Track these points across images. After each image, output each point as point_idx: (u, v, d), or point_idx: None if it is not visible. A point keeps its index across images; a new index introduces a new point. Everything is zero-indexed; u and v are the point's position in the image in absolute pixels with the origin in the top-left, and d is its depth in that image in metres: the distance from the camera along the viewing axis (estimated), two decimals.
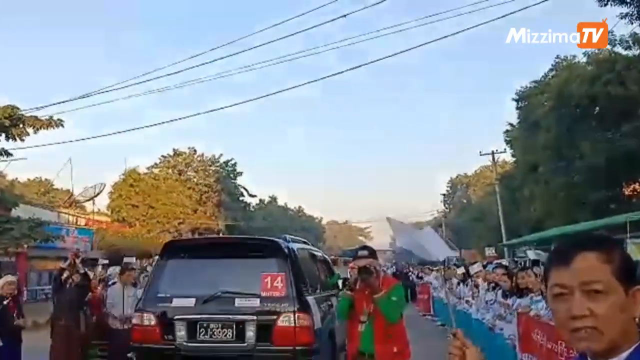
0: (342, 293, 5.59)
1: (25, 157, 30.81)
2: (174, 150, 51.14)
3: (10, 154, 20.83)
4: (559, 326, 1.32)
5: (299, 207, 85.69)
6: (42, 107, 19.89)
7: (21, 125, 19.61)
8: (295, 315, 6.18)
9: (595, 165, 21.55)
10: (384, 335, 4.92)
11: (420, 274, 26.82)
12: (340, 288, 7.39)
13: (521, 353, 6.93)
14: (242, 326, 6.23)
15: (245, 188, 54.45)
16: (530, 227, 28.30)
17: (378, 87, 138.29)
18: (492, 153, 34.55)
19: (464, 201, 65.01)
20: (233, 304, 6.32)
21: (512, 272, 8.29)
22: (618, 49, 22.07)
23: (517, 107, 32.38)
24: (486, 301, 9.20)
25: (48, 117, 19.70)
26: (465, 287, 12.18)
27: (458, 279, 13.08)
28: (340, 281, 7.87)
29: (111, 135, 30.65)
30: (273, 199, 74.76)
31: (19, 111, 19.52)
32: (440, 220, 63.46)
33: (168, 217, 44.52)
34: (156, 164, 50.68)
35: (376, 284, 4.94)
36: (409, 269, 31.73)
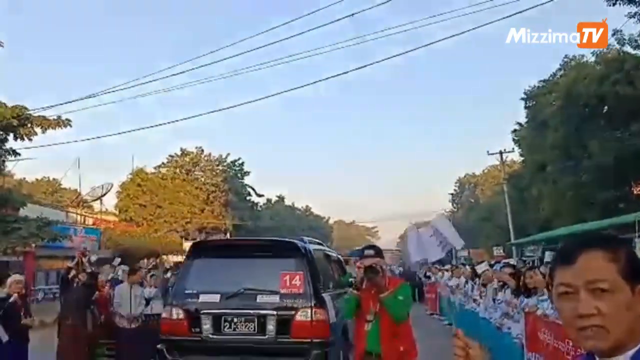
0: (349, 292, 5.60)
1: (33, 157, 31.08)
2: (182, 149, 50.84)
3: (18, 154, 20.97)
4: (566, 325, 1.32)
5: (307, 207, 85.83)
6: (50, 107, 19.99)
7: (29, 125, 19.68)
8: (312, 310, 6.69)
9: (603, 164, 21.42)
10: (391, 334, 4.91)
11: (427, 274, 26.73)
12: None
13: (529, 352, 6.90)
14: (263, 320, 6.74)
15: (252, 187, 54.46)
16: (538, 227, 28.16)
17: (386, 87, 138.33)
18: (500, 153, 34.40)
19: (472, 201, 64.83)
20: (255, 300, 6.83)
21: (520, 272, 8.27)
22: (627, 48, 21.93)
23: (526, 107, 32.25)
24: (493, 300, 9.18)
25: (56, 117, 19.82)
26: (473, 287, 12.17)
27: (466, 278, 13.10)
28: (352, 280, 8.07)
29: (118, 134, 30.80)
30: (280, 199, 74.72)
31: (27, 111, 19.60)
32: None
33: (175, 217, 44.45)
34: (164, 164, 50.40)
35: (382, 283, 4.94)
36: (417, 269, 31.60)
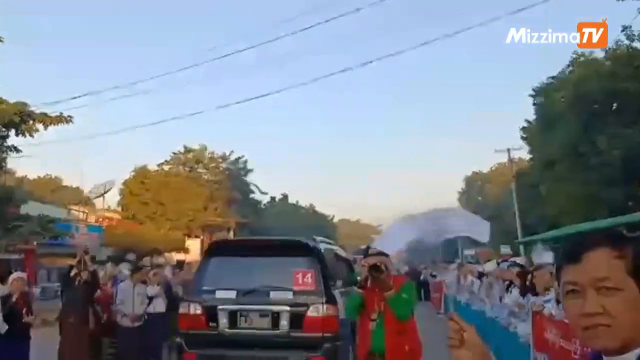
0: (353, 291, 5.58)
1: (34, 155, 31.05)
2: (185, 146, 50.63)
3: (19, 151, 20.85)
4: (572, 324, 1.31)
5: (310, 205, 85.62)
6: (52, 104, 19.96)
7: (31, 121, 19.61)
8: (323, 306, 7.09)
9: (612, 162, 21.24)
10: (395, 333, 4.90)
11: (433, 273, 26.61)
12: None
13: (536, 352, 6.82)
14: (277, 315, 7.13)
15: (256, 185, 54.40)
16: (546, 225, 27.97)
17: (392, 85, 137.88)
18: (508, 150, 34.22)
19: (480, 198, 64.63)
20: (269, 296, 7.26)
21: (528, 270, 8.17)
22: (637, 45, 21.71)
23: (534, 104, 31.96)
24: (500, 299, 9.09)
25: (58, 114, 19.73)
26: (480, 285, 12.07)
27: (474, 277, 13.02)
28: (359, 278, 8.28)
29: (120, 132, 30.78)
30: (284, 197, 74.60)
31: (29, 107, 19.53)
32: None
33: (178, 214, 44.27)
34: (166, 161, 50.10)
35: (387, 282, 4.92)
36: (423, 268, 31.49)
